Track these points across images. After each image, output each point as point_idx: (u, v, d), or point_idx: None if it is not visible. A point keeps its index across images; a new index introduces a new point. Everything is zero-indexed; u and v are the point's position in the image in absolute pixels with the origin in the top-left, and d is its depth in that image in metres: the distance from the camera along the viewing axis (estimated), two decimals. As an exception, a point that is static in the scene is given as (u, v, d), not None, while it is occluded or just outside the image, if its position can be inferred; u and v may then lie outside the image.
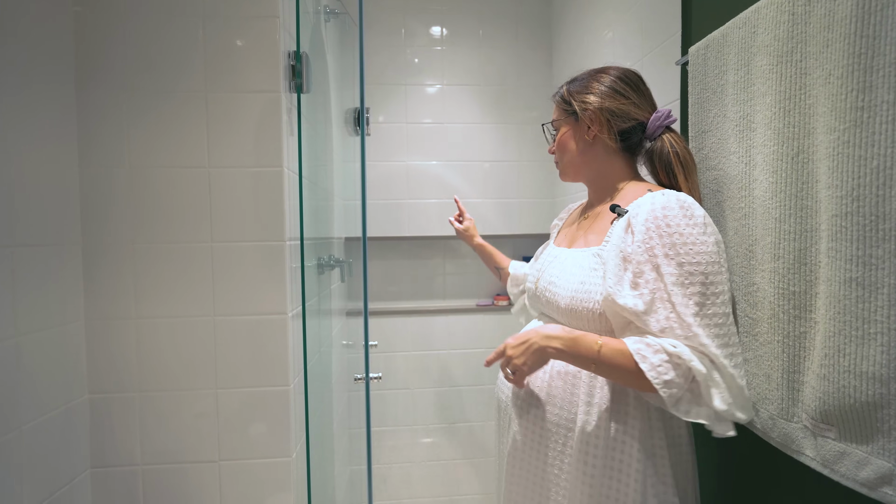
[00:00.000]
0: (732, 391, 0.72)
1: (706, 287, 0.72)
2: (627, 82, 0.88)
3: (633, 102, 0.87)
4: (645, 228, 0.75)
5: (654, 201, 0.77)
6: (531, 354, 0.78)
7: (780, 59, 0.73)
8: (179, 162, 1.05)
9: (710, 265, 0.73)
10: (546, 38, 2.11)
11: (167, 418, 1.07)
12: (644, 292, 0.73)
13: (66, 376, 1.01)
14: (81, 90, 1.03)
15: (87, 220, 1.04)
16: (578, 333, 0.77)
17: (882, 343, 0.57)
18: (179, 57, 1.04)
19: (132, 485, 1.07)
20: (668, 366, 0.70)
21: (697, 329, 0.71)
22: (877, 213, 0.58)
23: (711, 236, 0.75)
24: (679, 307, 0.71)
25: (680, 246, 0.73)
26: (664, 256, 0.73)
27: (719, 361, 0.71)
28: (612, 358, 0.74)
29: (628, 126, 0.87)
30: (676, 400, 0.72)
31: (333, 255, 1.60)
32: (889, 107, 0.56)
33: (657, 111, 0.88)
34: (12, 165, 0.87)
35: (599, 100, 0.87)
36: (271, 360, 1.08)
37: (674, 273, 0.72)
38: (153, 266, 1.06)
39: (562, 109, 0.93)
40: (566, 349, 0.76)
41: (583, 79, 0.92)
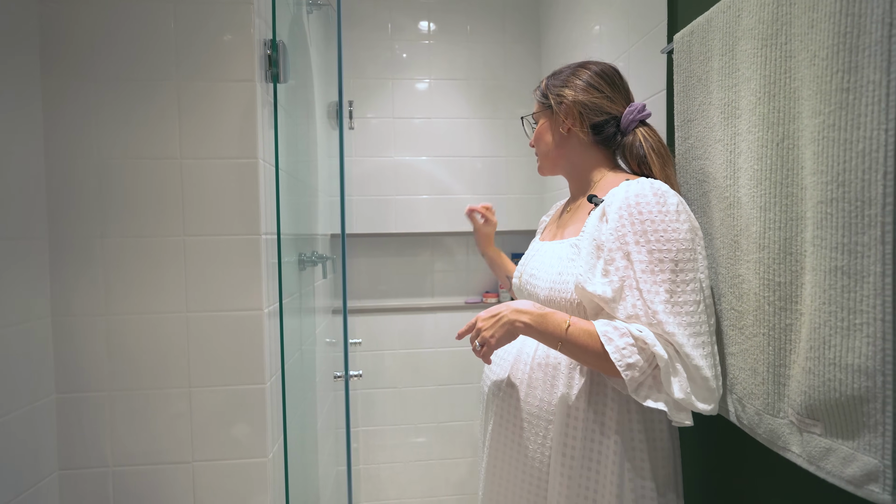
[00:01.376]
0: (695, 381, 0.72)
1: (676, 274, 0.72)
2: (603, 77, 0.89)
3: (607, 97, 0.88)
4: (618, 216, 0.75)
5: (629, 189, 0.77)
6: (499, 327, 0.78)
7: (765, 42, 0.70)
8: (150, 153, 1.01)
9: (681, 252, 0.73)
10: (534, 31, 2.09)
11: (139, 418, 1.04)
12: (614, 279, 0.74)
13: (32, 375, 0.97)
14: (47, 77, 0.99)
15: (53, 213, 1.00)
16: (549, 311, 0.78)
17: (868, 334, 0.55)
18: (149, 43, 1.00)
19: (102, 487, 1.04)
20: (633, 349, 0.70)
21: (664, 317, 0.71)
22: (862, 199, 0.55)
23: (685, 223, 0.75)
24: (647, 294, 0.72)
25: (651, 233, 0.73)
26: (635, 244, 0.73)
27: (683, 351, 0.71)
28: (579, 338, 0.74)
29: (601, 120, 0.88)
30: (637, 385, 0.72)
31: (317, 252, 1.57)
32: (875, 87, 0.54)
33: (630, 105, 0.88)
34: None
35: (574, 93, 0.88)
36: (246, 358, 1.04)
37: (643, 260, 0.72)
38: (123, 261, 1.02)
39: (540, 103, 0.94)
40: (534, 324, 0.76)
41: (562, 73, 0.92)
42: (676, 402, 0.71)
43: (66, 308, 1.01)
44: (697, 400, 0.71)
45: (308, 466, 1.44)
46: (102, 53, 1.00)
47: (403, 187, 2.06)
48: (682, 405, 0.71)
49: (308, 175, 1.53)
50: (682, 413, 0.72)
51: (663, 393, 0.71)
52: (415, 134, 2.06)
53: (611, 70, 0.90)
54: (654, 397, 0.71)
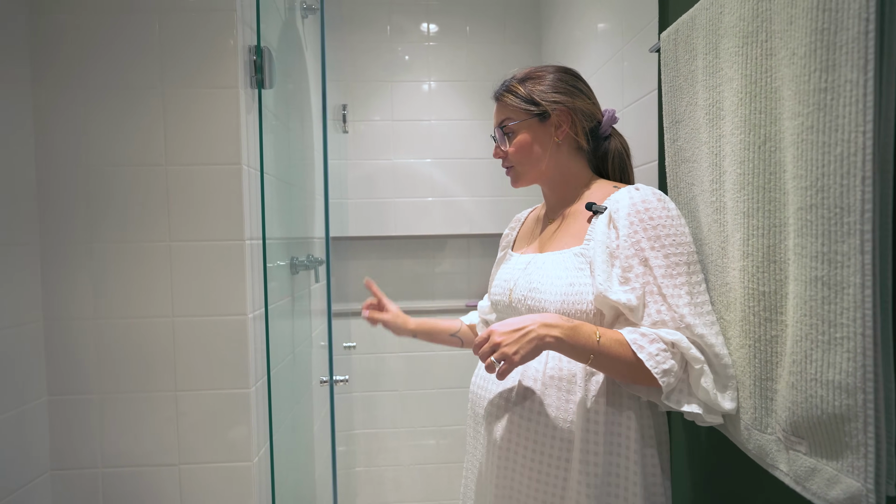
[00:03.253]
0: (723, 381, 0.71)
1: (691, 276, 0.73)
2: (583, 82, 0.89)
3: (594, 102, 0.89)
4: (629, 223, 0.75)
5: (633, 196, 0.77)
6: (526, 343, 0.70)
7: (746, 39, 0.67)
8: (136, 160, 1.03)
9: (691, 254, 0.75)
10: (534, 31, 2.06)
11: (127, 421, 1.05)
12: (636, 286, 0.73)
13: (24, 377, 0.99)
14: (38, 86, 1.01)
15: (44, 219, 1.03)
16: (577, 322, 0.73)
17: (848, 349, 0.52)
18: (135, 51, 1.02)
19: (93, 487, 1.05)
20: (667, 354, 0.70)
21: (692, 319, 0.70)
22: (841, 206, 0.52)
23: (685, 227, 0.77)
24: (671, 299, 0.71)
25: (664, 238, 0.74)
26: (651, 249, 0.73)
27: (714, 351, 0.70)
28: (611, 348, 0.71)
29: (591, 125, 0.88)
30: (671, 390, 0.71)
31: (312, 255, 1.58)
32: (853, 87, 0.51)
33: (606, 110, 0.89)
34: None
35: (571, 100, 0.85)
36: (231, 363, 1.05)
37: (661, 265, 0.73)
38: (111, 266, 1.03)
39: (522, 109, 0.87)
40: (566, 338, 0.71)
41: (543, 78, 0.87)
42: (707, 405, 0.71)
43: (57, 312, 1.03)
44: (724, 400, 0.71)
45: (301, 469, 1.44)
46: (91, 63, 1.01)
47: (403, 190, 2.05)
48: (712, 406, 0.71)
49: (303, 178, 1.53)
50: (712, 415, 0.72)
51: (694, 396, 0.71)
52: (413, 136, 2.05)
53: (578, 75, 0.91)
54: (686, 401, 0.71)
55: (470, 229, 2.07)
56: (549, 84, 0.86)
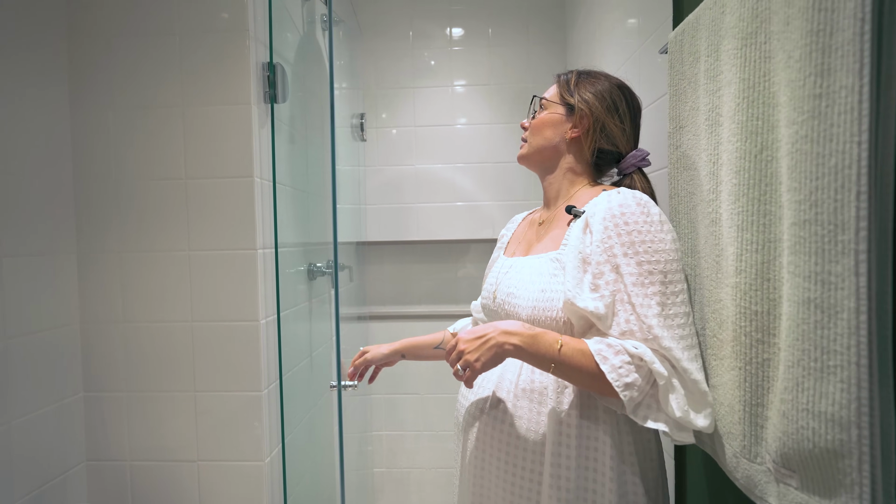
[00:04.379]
0: (694, 396, 0.69)
1: (665, 286, 0.70)
2: (630, 110, 0.86)
3: (625, 130, 0.85)
4: (603, 227, 0.72)
5: (611, 200, 0.74)
6: (486, 350, 0.71)
7: (745, 41, 0.63)
8: (160, 174, 1.09)
9: (669, 263, 0.71)
10: (559, 32, 2.01)
11: (151, 418, 1.12)
12: (605, 294, 0.70)
13: (62, 375, 1.08)
14: (75, 107, 1.10)
15: (80, 230, 1.11)
16: (539, 331, 0.72)
17: (842, 379, 0.48)
18: (159, 73, 1.08)
19: (122, 479, 1.14)
20: (630, 367, 0.67)
21: (659, 331, 0.68)
22: (835, 222, 0.48)
23: (668, 234, 0.73)
24: (639, 308, 0.69)
25: (639, 244, 0.71)
26: (623, 255, 0.71)
27: (681, 366, 0.68)
28: (573, 358, 0.70)
29: (607, 148, 0.85)
30: (636, 405, 0.69)
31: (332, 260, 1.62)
32: (848, 93, 0.46)
33: (638, 150, 0.86)
34: (15, 177, 0.94)
35: (601, 109, 0.83)
36: (244, 366, 1.10)
37: (633, 273, 0.70)
38: (138, 273, 1.11)
39: (559, 95, 0.88)
40: (525, 346, 0.71)
41: (597, 81, 0.86)
42: (677, 422, 0.68)
43: (91, 315, 1.12)
44: (696, 416, 0.69)
45: (319, 469, 1.48)
46: (120, 84, 1.09)
47: (426, 195, 2.07)
48: (682, 424, 0.68)
49: (322, 186, 1.58)
50: (683, 432, 0.69)
51: (663, 412, 0.68)
52: (435, 141, 2.06)
53: (637, 104, 0.88)
54: (653, 417, 0.68)
55: (493, 234, 2.05)
56: (596, 89, 0.85)
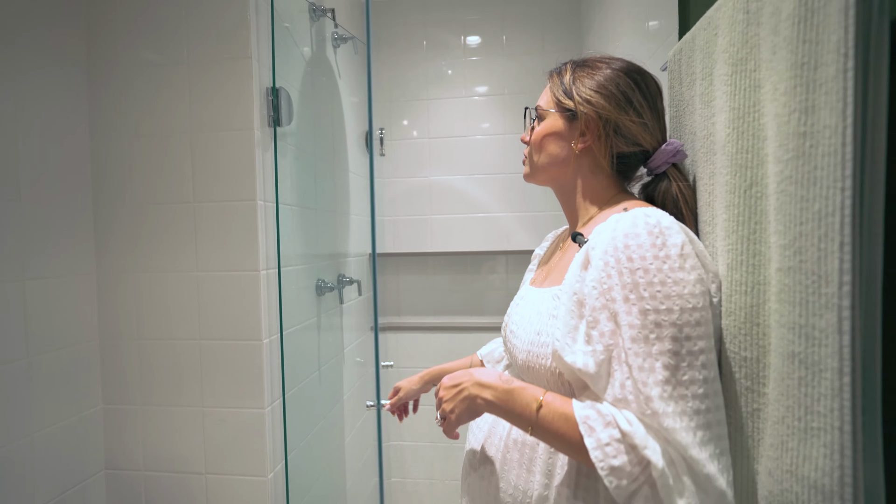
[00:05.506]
0: (707, 493, 0.52)
1: (679, 344, 0.54)
2: (647, 95, 0.69)
3: (646, 124, 0.69)
4: (603, 263, 0.58)
5: (617, 227, 0.59)
6: (460, 402, 0.66)
7: (735, 67, 0.59)
8: (170, 198, 1.14)
9: (687, 313, 0.54)
10: (576, 39, 1.96)
11: (163, 430, 1.17)
12: (598, 348, 0.57)
13: (84, 387, 1.15)
14: (94, 137, 1.16)
15: (99, 252, 1.18)
16: (517, 385, 0.63)
17: (825, 443, 0.44)
18: (170, 102, 1.13)
19: (137, 487, 1.19)
20: (620, 447, 0.53)
21: (660, 405, 0.52)
22: (818, 273, 0.44)
23: (692, 272, 0.56)
24: (638, 372, 0.54)
25: (644, 287, 0.55)
26: (623, 301, 0.56)
27: (689, 454, 0.51)
28: (553, 423, 0.58)
29: (629, 150, 0.69)
30: (629, 494, 0.53)
31: (344, 275, 1.64)
32: (832, 134, 0.43)
33: (668, 143, 0.70)
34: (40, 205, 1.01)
35: (609, 108, 0.67)
36: (248, 384, 1.13)
37: (635, 324, 0.55)
38: (151, 292, 1.16)
39: (556, 99, 0.72)
40: (498, 402, 0.63)
41: (596, 68, 0.70)
42: None
43: (109, 331, 1.18)
44: None
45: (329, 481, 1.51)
46: (137, 113, 1.15)
47: (440, 206, 2.06)
48: None
49: (333, 202, 1.60)
50: None
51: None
52: (451, 152, 2.05)
53: (655, 86, 0.70)
54: None
55: (507, 246, 2.03)
56: (597, 81, 0.69)
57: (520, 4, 1.99)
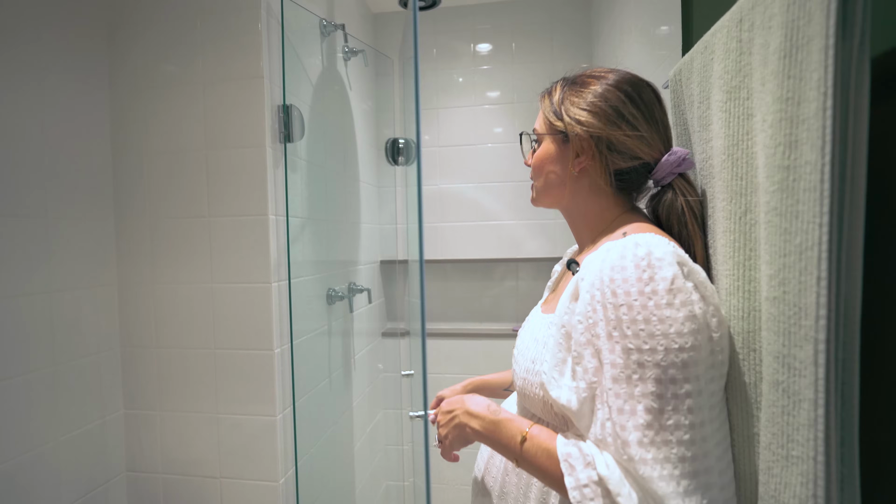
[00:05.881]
0: None
1: (664, 386, 0.51)
2: (640, 105, 0.65)
3: (643, 136, 0.65)
4: (589, 297, 0.56)
5: (606, 257, 0.57)
6: (453, 428, 0.68)
7: (730, 95, 0.60)
8: (187, 212, 1.19)
9: (672, 353, 0.51)
10: (585, 45, 1.97)
11: (180, 435, 1.22)
12: (580, 385, 0.56)
13: (106, 393, 1.20)
14: (116, 154, 1.22)
15: (121, 264, 1.24)
16: (504, 417, 0.64)
17: (802, 472, 0.45)
18: (186, 120, 1.18)
19: (155, 490, 1.25)
20: (597, 490, 0.52)
21: (638, 451, 0.50)
22: (798, 305, 0.45)
23: (682, 309, 0.52)
24: (617, 415, 0.52)
25: (628, 325, 0.53)
26: (607, 338, 0.54)
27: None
28: (536, 457, 0.58)
29: (630, 166, 0.66)
30: None
31: (354, 283, 1.68)
32: (812, 169, 0.44)
33: (671, 152, 0.65)
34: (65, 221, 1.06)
35: (598, 123, 0.64)
36: (259, 392, 1.17)
37: (618, 363, 0.53)
38: (169, 303, 1.21)
39: (548, 121, 0.70)
40: (485, 432, 0.64)
41: (586, 84, 0.68)
42: None
43: (130, 341, 1.24)
44: None
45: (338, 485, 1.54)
46: (155, 131, 1.20)
47: (448, 214, 2.09)
48: None
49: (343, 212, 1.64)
50: None
51: None
52: (462, 160, 2.07)
53: (650, 94, 0.67)
54: None
55: (518, 254, 2.04)
56: (586, 100, 0.66)
57: (529, 12, 2.00)
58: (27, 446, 0.99)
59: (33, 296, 1.01)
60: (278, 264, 1.18)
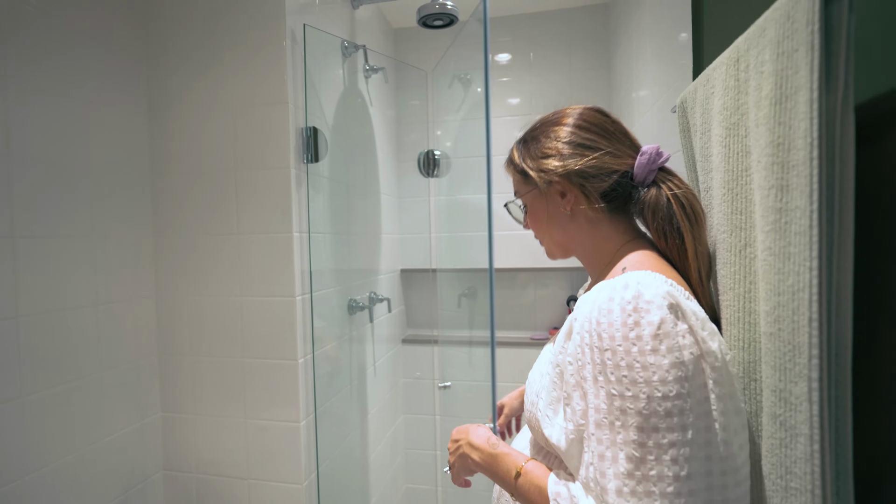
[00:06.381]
0: None
1: (646, 435, 0.49)
2: (590, 128, 0.67)
3: (607, 152, 0.66)
4: (579, 339, 0.56)
5: (597, 298, 0.56)
6: (458, 458, 0.71)
7: (729, 131, 0.62)
8: (217, 230, 1.27)
9: (655, 402, 0.49)
10: (604, 52, 1.97)
11: (211, 437, 1.30)
12: (569, 427, 0.56)
13: (145, 397, 1.29)
14: (155, 177, 1.31)
15: (159, 277, 1.32)
16: (502, 451, 0.66)
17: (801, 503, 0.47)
18: (216, 144, 1.26)
19: (189, 488, 1.33)
20: None
21: (615, 499, 0.50)
22: (793, 343, 0.47)
23: (668, 356, 0.50)
24: (598, 461, 0.52)
25: (612, 370, 0.52)
26: (593, 381, 0.53)
27: None
28: (529, 493, 0.61)
29: (610, 183, 0.65)
30: None
31: (375, 293, 1.73)
32: (802, 214, 0.46)
33: (641, 153, 0.65)
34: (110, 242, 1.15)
35: (562, 163, 0.66)
36: (284, 400, 1.23)
37: (601, 408, 0.52)
38: (202, 314, 1.29)
39: (519, 181, 0.74)
40: (484, 465, 0.67)
41: (536, 138, 0.71)
42: None
43: (166, 349, 1.32)
44: None
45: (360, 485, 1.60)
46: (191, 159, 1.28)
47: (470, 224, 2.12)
48: None
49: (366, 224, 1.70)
50: None
51: None
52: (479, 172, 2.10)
53: (594, 115, 0.69)
54: None
55: (537, 264, 2.06)
56: (543, 147, 0.69)
57: (547, 23, 2.01)
58: (77, 445, 1.08)
59: (81, 309, 1.09)
60: (302, 279, 1.24)
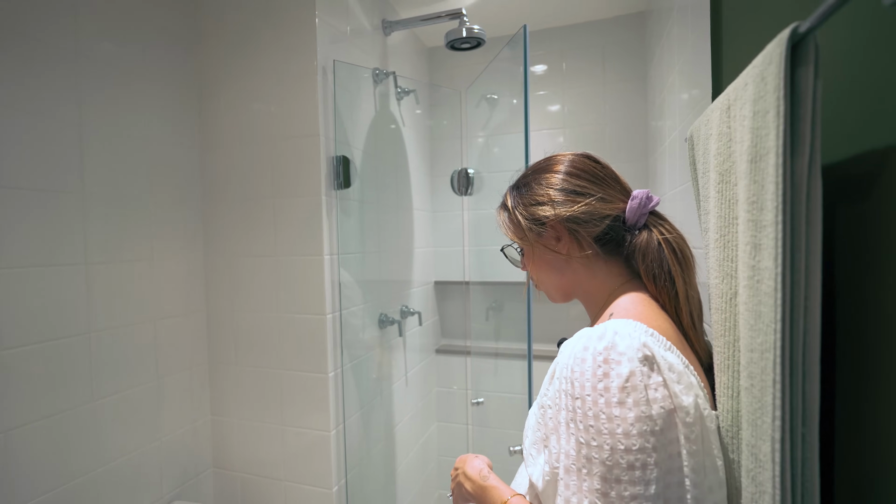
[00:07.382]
0: None
1: (609, 485, 0.50)
2: (581, 175, 0.69)
3: (599, 197, 0.67)
4: (558, 383, 0.58)
5: (575, 345, 0.57)
6: (456, 486, 0.75)
7: (722, 177, 0.62)
8: (257, 251, 1.38)
9: (618, 454, 0.50)
10: (640, 68, 1.93)
11: (253, 440, 1.42)
12: (546, 469, 0.58)
13: (197, 402, 1.43)
14: (205, 207, 1.45)
15: (209, 295, 1.46)
16: (490, 484, 0.69)
17: (765, 561, 0.47)
18: (256, 174, 1.37)
19: (234, 485, 1.45)
20: None
21: None
22: (761, 402, 0.48)
23: (633, 409, 0.51)
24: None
25: (581, 418, 0.53)
26: (565, 427, 0.55)
27: None
28: None
29: (603, 227, 0.67)
30: None
31: (406, 306, 1.80)
32: (769, 275, 0.46)
33: (632, 197, 0.67)
34: (165, 264, 1.29)
35: (553, 211, 0.67)
36: (316, 410, 1.33)
37: (570, 454, 0.54)
38: (246, 328, 1.41)
39: (514, 231, 0.74)
40: (475, 495, 0.71)
41: (527, 183, 0.73)
42: None
43: (215, 358, 1.46)
44: None
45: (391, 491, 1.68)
46: (232, 183, 1.41)
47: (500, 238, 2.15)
48: None
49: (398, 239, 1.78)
50: None
51: None
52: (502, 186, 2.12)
53: (584, 162, 0.70)
54: None
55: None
56: (537, 194, 0.70)
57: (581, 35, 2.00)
58: (140, 443, 1.23)
59: (142, 324, 1.24)
60: (332, 298, 1.33)
